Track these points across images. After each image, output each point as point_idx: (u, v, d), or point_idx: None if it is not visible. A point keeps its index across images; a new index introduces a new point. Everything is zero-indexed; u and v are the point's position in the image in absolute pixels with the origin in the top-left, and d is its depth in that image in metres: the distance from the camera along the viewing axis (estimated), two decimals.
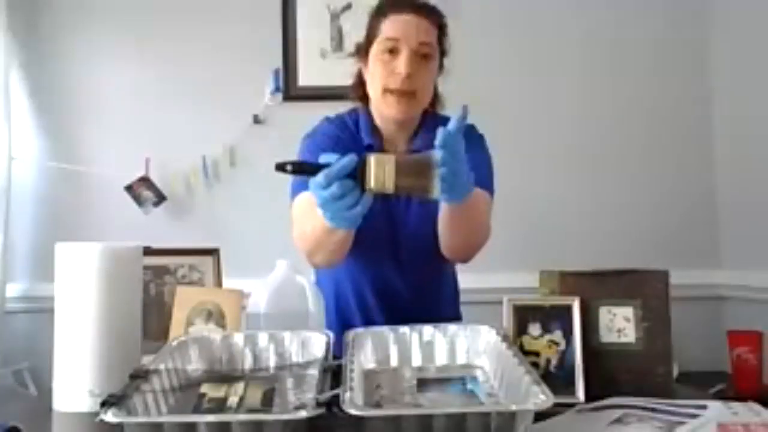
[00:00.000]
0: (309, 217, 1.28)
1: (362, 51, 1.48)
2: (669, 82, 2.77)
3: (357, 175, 1.02)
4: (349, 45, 2.68)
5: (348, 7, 2.69)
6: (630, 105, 2.76)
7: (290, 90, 2.70)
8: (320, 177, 1.01)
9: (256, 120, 2.68)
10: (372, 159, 1.01)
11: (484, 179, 1.49)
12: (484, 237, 1.43)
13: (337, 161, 1.01)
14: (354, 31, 2.68)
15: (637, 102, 2.76)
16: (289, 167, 1.03)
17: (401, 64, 1.38)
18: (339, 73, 2.67)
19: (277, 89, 2.69)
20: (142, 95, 2.67)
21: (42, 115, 2.67)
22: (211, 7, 2.71)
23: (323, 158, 1.03)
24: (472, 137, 1.52)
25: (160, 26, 2.70)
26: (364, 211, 1.06)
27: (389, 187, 1.01)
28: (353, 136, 1.51)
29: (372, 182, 1.01)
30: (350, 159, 1.01)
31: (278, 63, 2.69)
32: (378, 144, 1.49)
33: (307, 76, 2.70)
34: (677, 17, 2.79)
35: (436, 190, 1.04)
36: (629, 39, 2.77)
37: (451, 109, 1.55)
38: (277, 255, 1.45)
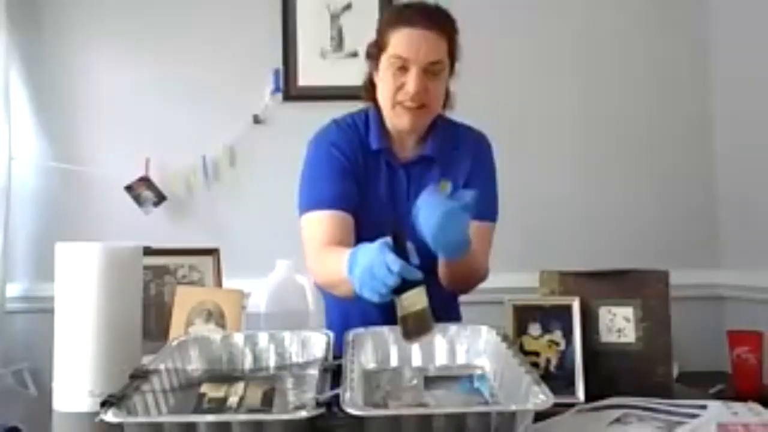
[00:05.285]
0: (332, 260, 1.29)
1: (372, 56, 1.47)
2: (669, 82, 2.77)
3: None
4: (349, 45, 2.70)
5: (348, 7, 2.69)
6: (630, 105, 2.76)
7: (290, 90, 2.69)
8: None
9: (256, 120, 2.68)
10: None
11: (490, 209, 1.52)
12: (479, 279, 1.48)
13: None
14: (354, 31, 2.70)
15: (637, 102, 2.76)
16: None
17: (410, 82, 1.38)
18: (339, 73, 2.74)
19: (277, 89, 2.69)
20: (142, 95, 2.66)
21: (42, 115, 2.67)
22: (211, 6, 2.71)
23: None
24: (481, 156, 1.54)
25: (161, 26, 2.69)
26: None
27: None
28: (361, 140, 1.50)
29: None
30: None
31: (278, 63, 2.69)
32: (386, 148, 1.49)
33: (307, 76, 2.70)
34: (678, 17, 2.79)
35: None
36: (630, 40, 2.77)
37: (457, 109, 1.55)
38: (277, 255, 1.46)
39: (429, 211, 1.16)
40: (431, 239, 1.17)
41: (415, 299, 1.07)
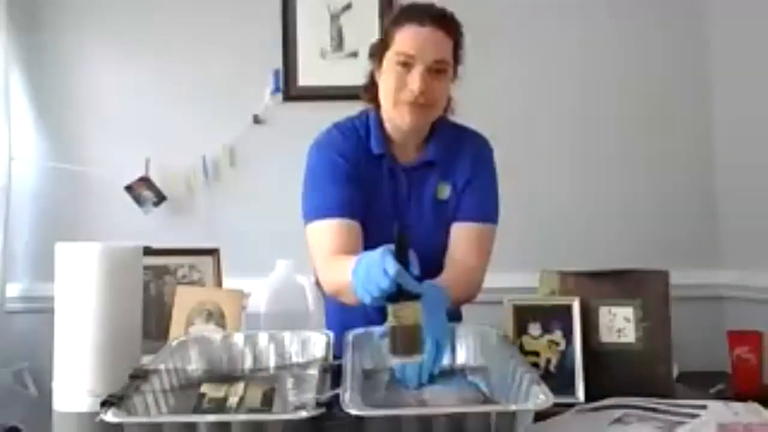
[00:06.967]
0: (340, 266, 1.27)
1: (376, 54, 1.46)
2: (669, 81, 2.77)
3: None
4: (349, 45, 2.70)
5: (348, 7, 2.68)
6: (630, 105, 2.76)
7: (290, 90, 2.69)
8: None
9: (256, 120, 2.68)
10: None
11: (491, 212, 1.51)
12: (472, 296, 1.46)
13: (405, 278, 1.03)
14: (354, 31, 2.70)
15: (637, 101, 2.76)
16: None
17: (414, 81, 1.37)
18: (339, 73, 2.74)
19: (277, 89, 2.69)
20: (142, 95, 2.66)
21: (42, 115, 2.67)
22: (211, 7, 2.70)
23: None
24: (481, 159, 1.53)
25: (160, 26, 2.69)
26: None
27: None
28: (363, 144, 1.48)
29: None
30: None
31: (278, 63, 2.69)
32: (387, 153, 1.48)
33: (307, 76, 2.70)
34: (677, 17, 2.79)
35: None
36: (629, 40, 2.77)
37: (458, 109, 1.55)
38: (277, 255, 1.46)
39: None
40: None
41: (408, 313, 1.02)
